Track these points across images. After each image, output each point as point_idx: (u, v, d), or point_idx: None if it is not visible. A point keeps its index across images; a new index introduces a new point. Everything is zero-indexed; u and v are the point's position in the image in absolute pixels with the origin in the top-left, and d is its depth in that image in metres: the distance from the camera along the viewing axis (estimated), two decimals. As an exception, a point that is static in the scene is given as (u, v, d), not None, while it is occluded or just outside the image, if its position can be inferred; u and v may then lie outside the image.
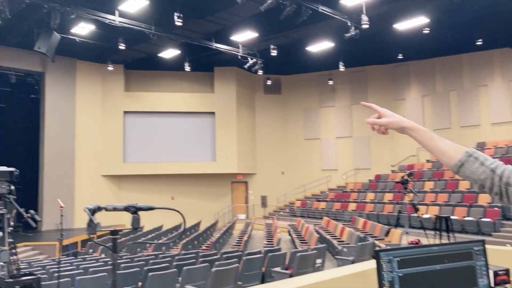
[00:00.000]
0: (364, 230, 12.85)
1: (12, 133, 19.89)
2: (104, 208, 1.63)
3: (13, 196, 6.19)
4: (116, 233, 1.65)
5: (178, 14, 13.06)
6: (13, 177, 6.15)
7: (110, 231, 1.64)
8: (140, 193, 20.67)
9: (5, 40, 16.34)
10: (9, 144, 19.97)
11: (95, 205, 1.61)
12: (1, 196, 6.03)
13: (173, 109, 21.02)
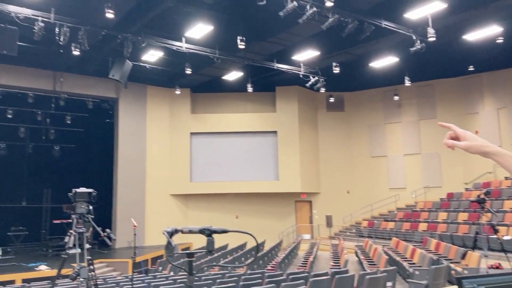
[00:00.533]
0: (437, 252, 12.13)
1: (89, 156, 21.34)
2: (181, 231, 1.69)
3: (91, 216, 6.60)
4: (192, 255, 1.70)
5: (241, 38, 13.42)
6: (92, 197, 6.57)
7: (186, 253, 1.69)
8: (206, 212, 21.18)
9: (84, 70, 17.70)
10: (87, 166, 21.44)
11: (172, 228, 1.67)
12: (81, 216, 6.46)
13: (236, 129, 21.47)
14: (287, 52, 16.51)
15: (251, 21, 14.20)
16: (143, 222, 18.93)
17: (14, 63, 15.82)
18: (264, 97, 21.92)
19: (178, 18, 13.86)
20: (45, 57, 16.35)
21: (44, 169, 20.61)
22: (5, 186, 19.69)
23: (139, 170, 19.87)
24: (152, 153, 20.44)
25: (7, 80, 16.42)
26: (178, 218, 20.69)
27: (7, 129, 18.16)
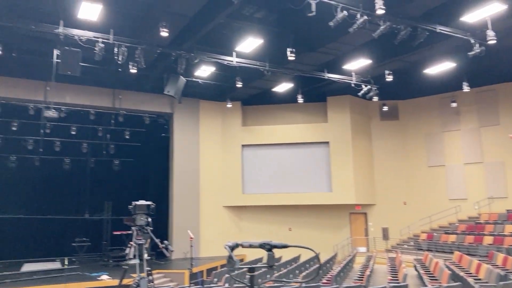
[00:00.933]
0: (505, 267, 11.36)
1: (147, 169, 22.12)
2: (241, 245, 1.70)
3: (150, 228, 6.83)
4: (254, 270, 1.70)
5: (291, 49, 13.48)
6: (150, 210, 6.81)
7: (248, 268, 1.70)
8: (259, 224, 21.23)
9: (140, 87, 18.50)
10: (144, 179, 22.22)
11: (233, 242, 1.68)
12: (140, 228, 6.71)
13: (288, 140, 21.44)
14: (337, 62, 16.35)
15: (300, 32, 14.23)
16: (198, 233, 19.28)
17: (77, 83, 16.82)
18: (315, 107, 21.77)
19: (229, 33, 14.17)
20: (105, 76, 17.26)
21: (104, 183, 21.58)
22: (70, 199, 20.84)
23: (194, 182, 20.33)
24: (205, 166, 20.87)
25: (71, 99, 17.47)
26: (231, 230, 20.89)
27: (71, 145, 19.25)
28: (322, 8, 10.79)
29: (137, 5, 12.53)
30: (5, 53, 13.71)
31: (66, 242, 19.25)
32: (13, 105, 17.16)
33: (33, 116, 17.16)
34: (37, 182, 20.08)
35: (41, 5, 12.20)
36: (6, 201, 19.69)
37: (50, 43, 13.57)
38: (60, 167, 19.63)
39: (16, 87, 16.79)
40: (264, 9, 13.15)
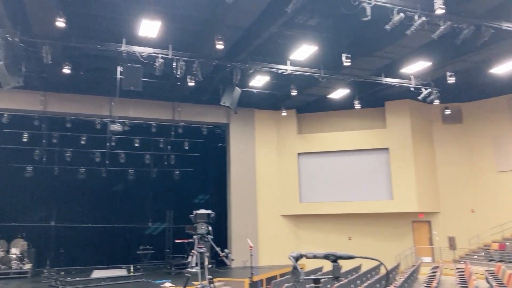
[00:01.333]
0: None
1: (205, 178, 22.66)
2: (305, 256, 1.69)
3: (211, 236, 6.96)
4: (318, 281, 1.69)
5: (346, 55, 13.29)
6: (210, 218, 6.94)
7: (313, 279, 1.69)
8: (317, 233, 20.96)
9: (198, 99, 19.03)
10: (203, 188, 22.78)
11: (297, 253, 1.68)
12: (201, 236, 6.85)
13: (345, 147, 21.05)
14: (395, 65, 15.88)
15: (355, 37, 14.01)
16: (257, 242, 19.36)
17: (139, 97, 17.62)
18: (373, 113, 21.23)
19: (283, 42, 14.24)
20: (165, 90, 17.95)
21: (166, 192, 22.37)
22: (134, 208, 21.79)
23: (251, 191, 20.49)
24: (262, 175, 20.97)
25: (134, 113, 18.33)
26: (289, 239, 20.78)
27: (135, 156, 20.16)
28: (378, 11, 10.56)
29: (194, 20, 12.96)
30: (74, 72, 14.69)
31: (131, 250, 20.09)
32: (81, 120, 18.30)
33: (100, 130, 18.20)
34: (104, 193, 21.18)
35: (105, 26, 12.96)
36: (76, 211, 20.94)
37: (114, 60, 14.36)
38: (125, 178, 20.58)
39: (84, 103, 17.90)
40: (317, 16, 13.09)
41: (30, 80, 15.27)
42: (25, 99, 16.96)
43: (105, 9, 12.16)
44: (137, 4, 11.54)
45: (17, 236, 17.58)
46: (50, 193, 20.44)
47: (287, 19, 11.94)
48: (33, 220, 19.70)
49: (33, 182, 19.44)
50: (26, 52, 13.15)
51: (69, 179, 20.15)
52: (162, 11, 11.39)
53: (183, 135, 19.90)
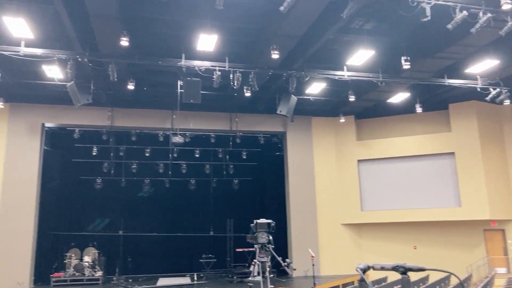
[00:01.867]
0: None
1: (264, 187, 22.78)
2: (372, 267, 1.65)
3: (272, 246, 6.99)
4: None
5: (405, 58, 12.89)
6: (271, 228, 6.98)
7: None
8: (380, 242, 20.29)
9: (254, 108, 19.25)
10: (262, 197, 22.89)
11: (365, 265, 1.65)
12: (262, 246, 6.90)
13: (407, 153, 20.27)
14: (459, 66, 15.14)
15: (414, 39, 13.54)
16: (317, 251, 19.08)
17: (198, 109, 18.15)
18: (436, 116, 20.32)
19: (339, 48, 14.09)
20: (222, 101, 18.36)
21: (226, 201, 22.74)
22: (196, 217, 22.35)
23: (310, 200, 20.29)
24: (320, 183, 20.71)
25: (194, 125, 18.88)
26: (351, 248, 20.30)
27: (196, 167, 20.75)
28: (438, 11, 10.16)
29: (249, 31, 13.19)
30: (138, 88, 15.45)
31: (194, 258, 20.58)
32: (145, 134, 19.17)
33: (163, 142, 18.96)
34: (168, 202, 21.94)
35: (165, 42, 13.54)
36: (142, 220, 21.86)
37: (174, 75, 14.94)
38: (187, 187, 21.21)
39: (147, 117, 18.74)
40: (373, 20, 12.82)
41: (98, 97, 16.26)
42: (94, 115, 18.06)
43: (165, 27, 12.71)
44: (194, 20, 11.94)
45: (89, 244, 18.63)
46: (118, 203, 21.53)
47: (342, 25, 11.80)
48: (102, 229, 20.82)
49: (103, 193, 20.57)
50: (94, 71, 14.03)
51: (135, 189, 21.12)
52: (218, 25, 11.70)
53: (241, 145, 20.20)
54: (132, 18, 11.93)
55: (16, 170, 17.13)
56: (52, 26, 12.06)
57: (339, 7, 10.53)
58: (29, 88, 16.56)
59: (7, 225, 16.62)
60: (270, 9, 11.34)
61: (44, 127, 18.09)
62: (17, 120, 17.52)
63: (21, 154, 17.28)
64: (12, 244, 16.52)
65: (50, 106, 17.77)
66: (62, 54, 12.54)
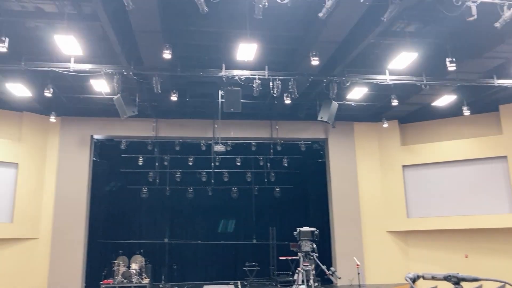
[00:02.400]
0: None
1: (305, 195, 22.63)
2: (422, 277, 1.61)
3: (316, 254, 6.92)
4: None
5: (451, 59, 12.47)
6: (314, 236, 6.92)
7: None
8: (429, 250, 19.55)
9: (295, 115, 19.20)
10: (304, 204, 22.73)
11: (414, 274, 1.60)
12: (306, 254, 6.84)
13: (454, 157, 19.49)
14: (508, 65, 14.45)
15: (460, 39, 13.08)
16: (362, 260, 18.66)
17: (239, 118, 18.32)
18: (485, 118, 19.45)
19: (380, 52, 13.83)
20: (263, 109, 18.46)
21: (268, 209, 22.78)
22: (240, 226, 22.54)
23: (353, 207, 19.90)
24: (364, 189, 20.29)
25: (235, 133, 19.07)
26: (398, 257, 19.69)
27: (237, 175, 20.95)
28: (484, 9, 9.77)
29: (287, 39, 13.23)
30: (180, 99, 15.83)
31: (238, 266, 20.70)
32: (188, 143, 19.59)
33: (205, 151, 19.30)
34: (211, 210, 22.25)
35: (206, 53, 13.83)
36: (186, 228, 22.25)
37: (215, 85, 15.20)
38: (229, 196, 21.44)
39: (190, 127, 19.13)
40: (415, 21, 12.51)
41: (143, 108, 16.81)
42: (139, 126, 18.64)
43: (205, 38, 12.98)
44: (234, 30, 12.12)
45: (136, 252, 19.16)
46: (163, 212, 22.06)
47: (383, 28, 11.59)
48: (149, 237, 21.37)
49: (148, 202, 21.15)
50: (139, 84, 14.54)
51: (179, 198, 21.58)
52: (257, 34, 11.81)
53: (282, 152, 20.18)
54: (174, 31, 12.28)
55: (68, 181, 17.94)
56: (99, 42, 12.63)
57: (379, 11, 10.36)
58: (79, 102, 17.36)
59: (59, 234, 17.39)
60: (309, 16, 11.34)
61: (93, 139, 18.86)
62: (67, 133, 18.39)
63: (72, 165, 18.09)
64: (65, 253, 17.26)
65: (98, 118, 18.52)
66: (109, 69, 13.09)
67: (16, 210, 17.02)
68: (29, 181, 17.50)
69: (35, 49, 12.87)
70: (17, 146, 17.42)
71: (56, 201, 17.74)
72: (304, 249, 6.60)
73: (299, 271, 6.54)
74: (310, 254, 6.61)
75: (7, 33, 11.02)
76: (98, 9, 10.09)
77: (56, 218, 17.58)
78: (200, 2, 8.93)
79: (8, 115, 17.51)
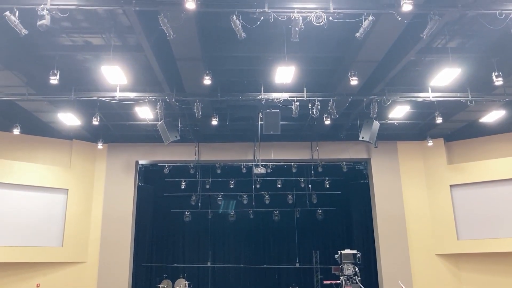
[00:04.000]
0: None
1: (349, 216, 22.13)
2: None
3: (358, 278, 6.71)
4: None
5: (497, 73, 12.02)
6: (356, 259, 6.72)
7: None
8: (483, 274, 18.44)
9: (335, 136, 19.00)
10: (348, 227, 22.20)
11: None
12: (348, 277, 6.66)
13: (505, 176, 18.43)
14: (562, 77, 13.72)
15: (505, 52, 12.57)
16: (411, 284, 17.86)
17: (278, 140, 18.35)
18: (538, 134, 18.44)
19: (421, 69, 13.56)
20: (302, 130, 18.41)
21: (310, 232, 22.42)
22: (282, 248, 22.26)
23: (400, 228, 19.19)
24: (410, 210, 19.56)
25: (275, 155, 19.09)
26: (449, 281, 18.70)
27: (279, 197, 20.86)
28: (530, 21, 9.41)
29: (325, 60, 13.24)
30: (221, 123, 16.10)
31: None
32: (229, 166, 19.80)
33: (246, 174, 19.40)
34: (253, 234, 22.19)
35: (245, 78, 14.06)
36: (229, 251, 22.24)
37: (254, 108, 15.38)
38: (271, 218, 21.32)
39: (230, 150, 19.34)
40: (457, 37, 12.20)
41: (185, 133, 17.22)
42: (181, 151, 19.05)
43: (244, 63, 13.23)
44: (271, 54, 12.29)
45: (180, 276, 19.30)
46: (205, 235, 22.21)
47: (423, 45, 11.38)
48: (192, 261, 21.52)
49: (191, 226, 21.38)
50: (181, 109, 14.95)
51: (221, 221, 21.69)
52: (295, 57, 11.91)
53: (323, 174, 19.93)
54: (213, 57, 12.61)
55: (114, 205, 18.50)
56: (143, 71, 13.16)
57: (418, 28, 10.19)
58: (124, 129, 18.03)
59: (106, 258, 17.86)
60: (346, 37, 11.33)
61: (138, 164, 19.45)
62: (114, 159, 19.07)
63: (118, 190, 18.67)
64: (111, 276, 17.66)
65: (143, 144, 19.12)
66: (152, 96, 13.57)
67: (66, 235, 17.70)
68: (78, 206, 18.21)
69: (84, 80, 13.59)
70: (67, 172, 18.25)
71: (103, 225, 18.30)
72: (346, 272, 6.44)
73: (343, 295, 6.36)
74: (352, 277, 6.42)
75: (58, 66, 11.73)
76: (141, 40, 10.57)
77: (103, 241, 18.10)
78: (238, 29, 9.15)
79: (59, 143, 18.44)
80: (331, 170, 20.10)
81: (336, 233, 22.13)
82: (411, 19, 9.92)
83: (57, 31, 11.12)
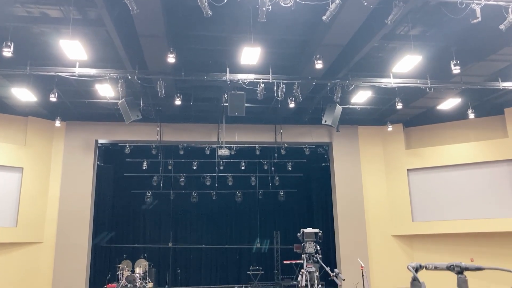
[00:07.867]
0: None
1: (310, 199, 22.59)
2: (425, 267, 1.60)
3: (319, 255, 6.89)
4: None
5: (455, 62, 12.45)
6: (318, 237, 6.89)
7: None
8: (434, 254, 19.42)
9: (299, 119, 19.20)
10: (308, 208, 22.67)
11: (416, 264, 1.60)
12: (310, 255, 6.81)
13: (460, 161, 19.39)
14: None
15: (464, 42, 13.05)
16: (367, 263, 18.56)
17: (243, 122, 18.36)
18: (490, 122, 19.37)
19: (384, 55, 13.84)
20: (267, 113, 18.47)
21: (272, 213, 22.74)
22: (244, 229, 22.46)
23: (358, 210, 19.82)
24: (369, 193, 20.21)
25: (239, 137, 19.09)
26: (403, 261, 19.55)
27: (242, 179, 20.95)
28: (489, 11, 9.78)
29: (291, 43, 13.25)
30: (184, 103, 15.88)
31: (242, 270, 20.64)
32: (192, 147, 19.63)
33: (209, 155, 19.30)
34: (215, 215, 22.23)
35: (210, 58, 13.87)
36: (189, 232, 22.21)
37: (219, 89, 15.25)
38: (233, 200, 21.43)
39: (194, 131, 19.16)
40: (419, 25, 12.51)
41: (147, 113, 16.87)
42: (143, 131, 18.70)
43: (209, 42, 13.04)
44: (238, 34, 12.17)
45: (140, 256, 19.15)
46: (167, 216, 22.06)
47: (387, 32, 11.59)
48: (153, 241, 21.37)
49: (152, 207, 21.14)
50: (143, 88, 14.60)
51: (183, 202, 21.58)
52: (261, 38, 11.85)
53: (286, 156, 20.17)
54: (178, 35, 12.34)
55: (72, 185, 17.98)
56: (104, 47, 12.71)
57: (383, 14, 10.37)
58: (83, 107, 17.46)
59: (64, 239, 17.42)
60: (313, 20, 11.36)
61: (97, 143, 18.93)
62: (72, 138, 18.46)
63: (77, 170, 18.14)
64: (69, 257, 17.27)
65: (103, 123, 18.60)
66: (114, 73, 13.14)
67: (21, 215, 17.08)
68: (33, 186, 17.57)
69: (41, 54, 12.98)
70: (22, 150, 17.52)
71: (60, 205, 17.78)
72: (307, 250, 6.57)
73: (303, 272, 6.51)
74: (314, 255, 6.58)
75: (13, 38, 11.12)
76: (103, 14, 10.16)
77: (60, 222, 17.61)
78: (204, 6, 8.97)
79: (13, 119, 17.63)
80: (293, 153, 20.37)
81: (296, 214, 22.56)
82: (377, 5, 10.06)
83: (11, 1, 10.52)
